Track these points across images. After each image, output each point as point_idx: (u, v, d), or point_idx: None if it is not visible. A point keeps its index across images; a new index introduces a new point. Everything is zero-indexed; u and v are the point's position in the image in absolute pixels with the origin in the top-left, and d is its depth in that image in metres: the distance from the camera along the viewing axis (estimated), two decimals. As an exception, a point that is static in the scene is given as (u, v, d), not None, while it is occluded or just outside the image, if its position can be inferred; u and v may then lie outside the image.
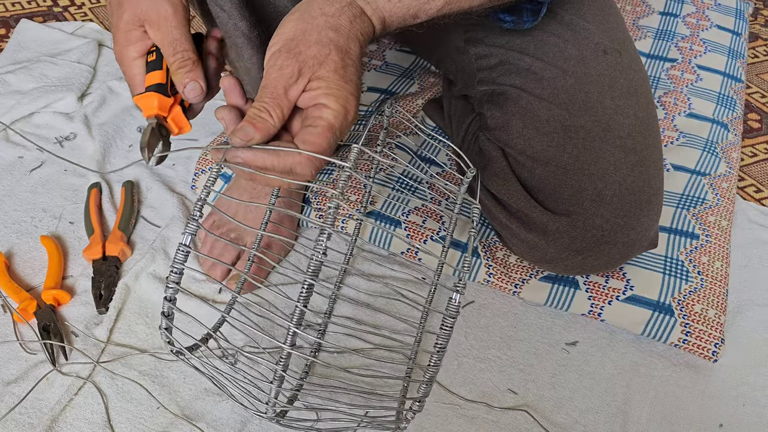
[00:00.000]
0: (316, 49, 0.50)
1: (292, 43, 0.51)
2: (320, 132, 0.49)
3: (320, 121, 0.49)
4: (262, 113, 0.49)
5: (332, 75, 0.50)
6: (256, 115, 0.49)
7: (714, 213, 0.86)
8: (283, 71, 0.49)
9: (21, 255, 0.81)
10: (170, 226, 0.84)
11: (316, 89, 0.50)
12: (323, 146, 0.49)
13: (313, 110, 0.50)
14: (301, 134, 0.49)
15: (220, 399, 0.69)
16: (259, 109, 0.49)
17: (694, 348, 0.74)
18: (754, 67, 1.21)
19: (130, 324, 0.75)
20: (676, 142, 0.96)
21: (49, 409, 0.66)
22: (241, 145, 0.49)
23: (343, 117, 0.50)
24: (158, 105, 0.59)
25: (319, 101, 0.50)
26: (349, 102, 0.50)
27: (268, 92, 0.50)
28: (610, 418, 0.70)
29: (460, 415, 0.69)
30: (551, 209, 0.67)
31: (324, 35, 0.51)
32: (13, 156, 0.94)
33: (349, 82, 0.51)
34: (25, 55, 1.11)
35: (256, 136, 0.49)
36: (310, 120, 0.50)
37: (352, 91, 0.51)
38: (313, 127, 0.49)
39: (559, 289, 0.77)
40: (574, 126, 0.66)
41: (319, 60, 0.50)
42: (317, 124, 0.49)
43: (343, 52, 0.51)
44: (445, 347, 0.50)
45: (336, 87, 0.50)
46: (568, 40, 0.69)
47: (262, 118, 0.49)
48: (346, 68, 0.51)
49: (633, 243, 0.68)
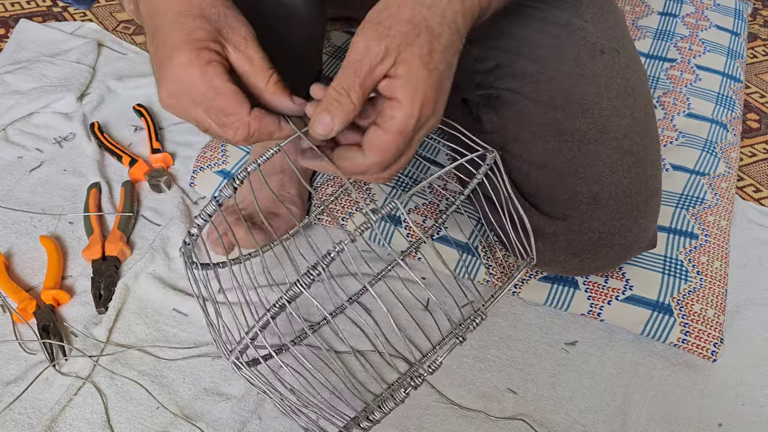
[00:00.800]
0: (407, 27, 0.47)
1: (383, 15, 0.48)
2: (390, 139, 0.47)
3: (391, 123, 0.47)
4: (342, 96, 0.47)
5: (417, 60, 0.47)
6: (335, 100, 0.47)
7: (713, 213, 0.86)
8: (370, 49, 0.47)
9: (20, 255, 0.81)
10: (170, 225, 0.84)
11: (397, 77, 0.47)
12: (392, 152, 0.48)
13: (387, 106, 0.48)
14: (370, 136, 0.48)
15: (220, 399, 0.69)
16: (338, 92, 0.47)
17: (693, 348, 0.74)
18: (753, 67, 1.21)
19: (130, 324, 0.75)
20: (675, 142, 0.96)
21: (49, 409, 0.66)
22: (323, 137, 0.48)
23: (417, 117, 0.48)
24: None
25: (396, 94, 0.47)
26: (427, 97, 0.48)
27: (351, 70, 0.47)
28: (609, 417, 0.70)
29: (460, 415, 0.69)
30: (547, 213, 0.67)
31: (418, 14, 0.48)
32: (13, 156, 0.94)
33: (433, 70, 0.48)
34: (24, 55, 1.11)
35: (336, 126, 0.47)
36: (382, 119, 0.48)
37: (432, 84, 0.48)
38: (382, 131, 0.47)
39: (559, 289, 0.77)
40: (569, 129, 0.66)
41: (408, 40, 0.47)
42: (387, 126, 0.47)
43: (434, 35, 0.48)
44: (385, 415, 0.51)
45: (416, 77, 0.47)
46: (565, 41, 0.69)
47: (340, 104, 0.47)
48: (433, 53, 0.48)
49: (631, 244, 0.68)
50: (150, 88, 1.06)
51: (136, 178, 0.91)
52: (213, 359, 0.72)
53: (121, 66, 1.10)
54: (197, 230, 0.55)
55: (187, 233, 0.55)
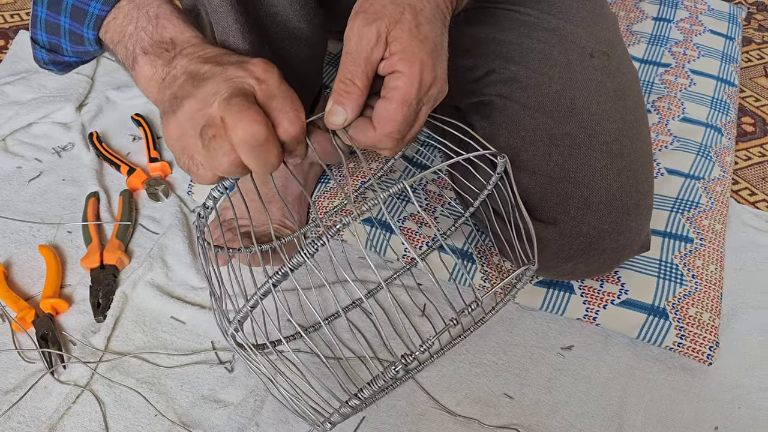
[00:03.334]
0: (391, 8, 0.49)
1: (367, 4, 0.50)
2: (396, 108, 0.49)
3: (395, 92, 0.49)
4: (348, 86, 0.49)
5: (407, 35, 0.49)
6: (343, 91, 0.49)
7: (708, 216, 0.86)
8: (363, 37, 0.49)
9: (19, 264, 0.82)
10: (168, 234, 0.85)
11: (393, 55, 0.49)
12: (399, 121, 0.49)
13: (389, 79, 0.50)
14: (378, 108, 0.50)
15: (218, 406, 0.69)
16: (344, 82, 0.49)
17: (689, 351, 0.74)
18: (747, 71, 1.21)
19: (128, 332, 0.75)
20: (670, 146, 0.97)
21: (47, 417, 0.67)
22: (339, 127, 0.50)
23: (418, 83, 0.49)
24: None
25: (396, 68, 0.49)
26: (425, 64, 0.49)
27: (351, 59, 0.49)
28: (605, 422, 0.70)
29: (456, 421, 0.69)
30: (538, 218, 0.68)
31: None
32: (12, 166, 0.94)
33: (424, 41, 0.50)
34: (23, 66, 1.11)
35: (349, 116, 0.50)
36: (386, 91, 0.50)
37: (426, 51, 0.49)
38: (388, 101, 0.49)
39: (554, 294, 0.77)
40: (559, 134, 0.67)
41: (395, 19, 0.49)
42: (391, 96, 0.49)
43: (417, 11, 0.50)
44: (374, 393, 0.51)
45: (410, 50, 0.49)
46: (554, 45, 0.69)
47: (348, 93, 0.49)
48: (419, 26, 0.50)
49: (623, 248, 0.68)
50: (148, 97, 1.07)
51: (134, 187, 0.92)
52: (211, 366, 0.72)
53: (120, 76, 1.11)
54: (212, 202, 0.56)
55: (202, 205, 0.56)
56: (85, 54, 0.60)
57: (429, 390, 0.71)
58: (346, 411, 0.52)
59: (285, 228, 0.81)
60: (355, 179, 0.88)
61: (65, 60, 0.62)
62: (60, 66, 0.63)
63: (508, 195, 0.58)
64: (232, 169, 0.47)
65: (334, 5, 0.77)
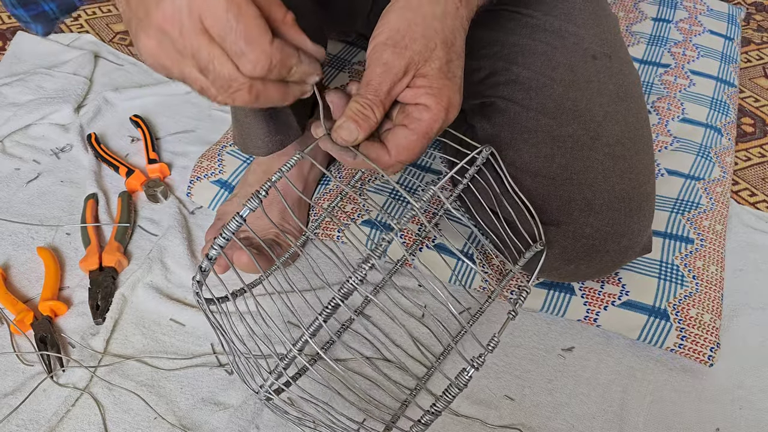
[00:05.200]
0: (422, 43, 0.49)
1: (398, 36, 0.49)
2: (416, 139, 0.49)
3: (419, 125, 0.49)
4: (366, 110, 0.49)
5: (436, 73, 0.49)
6: (360, 113, 0.49)
7: (708, 217, 0.86)
8: (390, 69, 0.48)
9: (18, 266, 0.82)
10: (167, 235, 0.84)
11: (420, 87, 0.49)
12: (416, 152, 0.50)
13: (413, 110, 0.49)
14: (397, 136, 0.49)
15: (218, 408, 0.69)
16: (363, 106, 0.49)
17: (690, 352, 0.74)
18: (746, 72, 1.22)
19: (127, 334, 0.75)
20: (670, 147, 0.97)
21: (46, 420, 0.66)
22: (345, 144, 0.50)
23: (443, 119, 0.50)
24: None
25: (421, 101, 0.49)
26: (452, 102, 0.50)
27: (373, 89, 0.49)
28: (606, 423, 0.70)
29: (458, 422, 0.69)
30: (541, 220, 0.67)
31: (430, 27, 0.49)
32: (10, 168, 0.94)
33: (453, 78, 0.50)
34: (21, 67, 1.11)
35: (360, 136, 0.49)
36: (409, 120, 0.50)
37: (455, 89, 0.50)
38: (410, 131, 0.49)
39: (555, 295, 0.77)
40: (561, 135, 0.67)
41: (425, 57, 0.49)
42: (415, 128, 0.49)
43: (449, 45, 0.50)
44: (440, 412, 0.49)
45: (438, 86, 0.49)
46: (557, 47, 0.69)
47: (365, 116, 0.49)
48: (450, 63, 0.50)
49: (625, 250, 0.68)
50: (147, 98, 1.06)
51: (133, 189, 0.91)
52: (210, 369, 0.72)
53: (118, 77, 1.11)
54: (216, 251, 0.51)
55: (198, 269, 0.53)
56: None
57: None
58: (419, 429, 0.50)
59: (285, 232, 0.81)
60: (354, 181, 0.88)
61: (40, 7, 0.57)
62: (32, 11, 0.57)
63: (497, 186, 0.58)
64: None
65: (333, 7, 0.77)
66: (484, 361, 0.47)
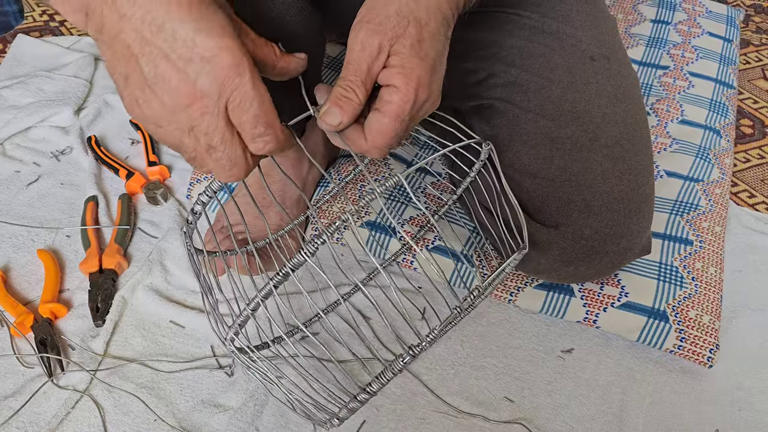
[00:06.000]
0: (395, 20, 0.49)
1: (373, 13, 0.49)
2: (388, 122, 0.49)
3: (389, 107, 0.49)
4: (348, 93, 0.49)
5: (407, 51, 0.49)
6: (342, 96, 0.49)
7: (707, 219, 0.86)
8: (365, 47, 0.49)
9: (18, 269, 0.82)
10: (167, 237, 0.85)
11: (393, 67, 0.49)
12: (391, 136, 0.50)
13: (385, 92, 0.50)
14: (370, 120, 0.50)
15: (218, 410, 0.69)
16: (345, 88, 0.49)
17: (689, 354, 0.74)
18: (745, 74, 1.22)
19: (127, 337, 0.75)
20: (669, 148, 0.97)
21: (47, 422, 0.66)
22: (331, 129, 0.50)
23: (413, 100, 0.49)
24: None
25: (392, 81, 0.49)
26: (421, 81, 0.49)
27: (352, 70, 0.49)
28: (606, 425, 0.70)
29: (457, 424, 0.69)
30: (540, 221, 0.68)
31: (404, 5, 0.49)
32: (10, 170, 0.94)
33: (425, 58, 0.49)
34: (21, 70, 1.11)
35: (344, 120, 0.49)
36: (380, 104, 0.50)
37: (426, 69, 0.49)
38: (381, 114, 0.49)
39: (554, 297, 0.77)
40: (560, 137, 0.67)
41: (398, 33, 0.49)
42: (386, 111, 0.49)
43: (421, 25, 0.50)
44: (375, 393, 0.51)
45: (410, 65, 0.49)
46: (555, 49, 0.69)
47: (348, 99, 0.49)
48: (422, 42, 0.49)
49: (624, 251, 0.68)
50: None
51: (133, 191, 0.92)
52: (210, 371, 0.72)
53: (118, 79, 1.11)
54: (201, 207, 0.56)
55: (190, 211, 0.56)
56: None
57: (428, 392, 0.71)
58: (355, 405, 0.52)
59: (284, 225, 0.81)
60: (353, 183, 0.88)
61: None
62: None
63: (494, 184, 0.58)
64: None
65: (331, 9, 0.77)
66: (421, 351, 0.50)
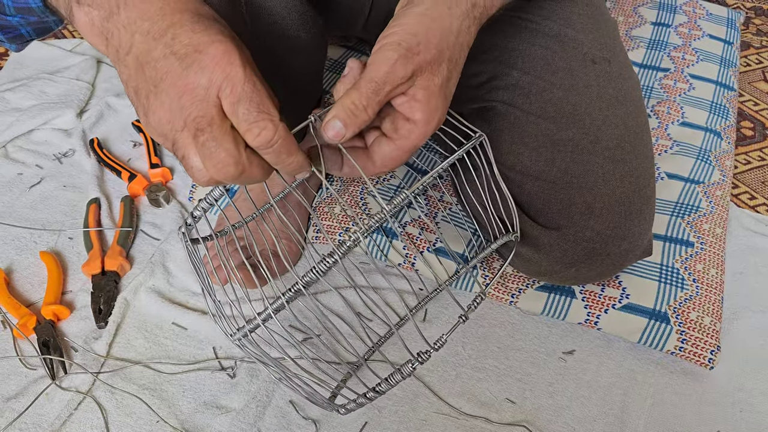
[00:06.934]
0: (434, 55, 0.48)
1: (414, 41, 0.48)
2: (401, 154, 0.50)
3: (406, 142, 0.49)
4: (359, 110, 0.48)
5: (437, 90, 0.49)
6: (353, 113, 0.48)
7: (708, 221, 0.86)
8: (396, 72, 0.47)
9: (20, 271, 0.82)
10: (169, 239, 0.85)
11: (417, 101, 0.49)
12: (400, 163, 0.51)
13: (403, 124, 0.49)
14: (383, 148, 0.50)
15: (220, 412, 0.69)
16: (357, 105, 0.48)
17: (691, 355, 0.74)
18: (746, 76, 1.22)
19: (129, 338, 0.75)
20: (669, 150, 0.97)
21: (49, 424, 0.67)
22: (332, 142, 0.49)
23: (428, 136, 0.50)
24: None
25: (413, 116, 0.49)
26: (440, 120, 0.50)
27: (374, 88, 0.47)
28: (607, 426, 0.70)
29: (459, 426, 0.69)
30: (542, 223, 0.68)
31: (445, 40, 0.49)
32: (13, 173, 0.95)
33: (448, 97, 0.50)
34: (24, 72, 1.12)
35: (347, 134, 0.48)
36: (397, 136, 0.50)
37: (444, 109, 0.51)
38: (396, 147, 0.49)
39: (556, 299, 0.77)
40: (562, 139, 0.67)
41: (432, 69, 0.49)
42: (401, 145, 0.49)
43: (454, 62, 0.50)
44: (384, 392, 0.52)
45: (434, 105, 0.49)
46: (556, 51, 0.70)
47: (356, 117, 0.48)
48: (449, 81, 0.50)
49: (626, 253, 0.68)
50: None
51: (135, 193, 0.92)
52: (212, 372, 0.72)
53: (120, 82, 1.11)
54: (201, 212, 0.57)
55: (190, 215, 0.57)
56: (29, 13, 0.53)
57: (429, 394, 0.71)
58: (363, 401, 0.53)
59: (284, 239, 0.81)
60: (354, 185, 0.88)
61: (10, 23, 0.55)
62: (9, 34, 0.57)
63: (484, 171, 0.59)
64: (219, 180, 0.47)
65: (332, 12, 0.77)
66: (429, 357, 0.51)
